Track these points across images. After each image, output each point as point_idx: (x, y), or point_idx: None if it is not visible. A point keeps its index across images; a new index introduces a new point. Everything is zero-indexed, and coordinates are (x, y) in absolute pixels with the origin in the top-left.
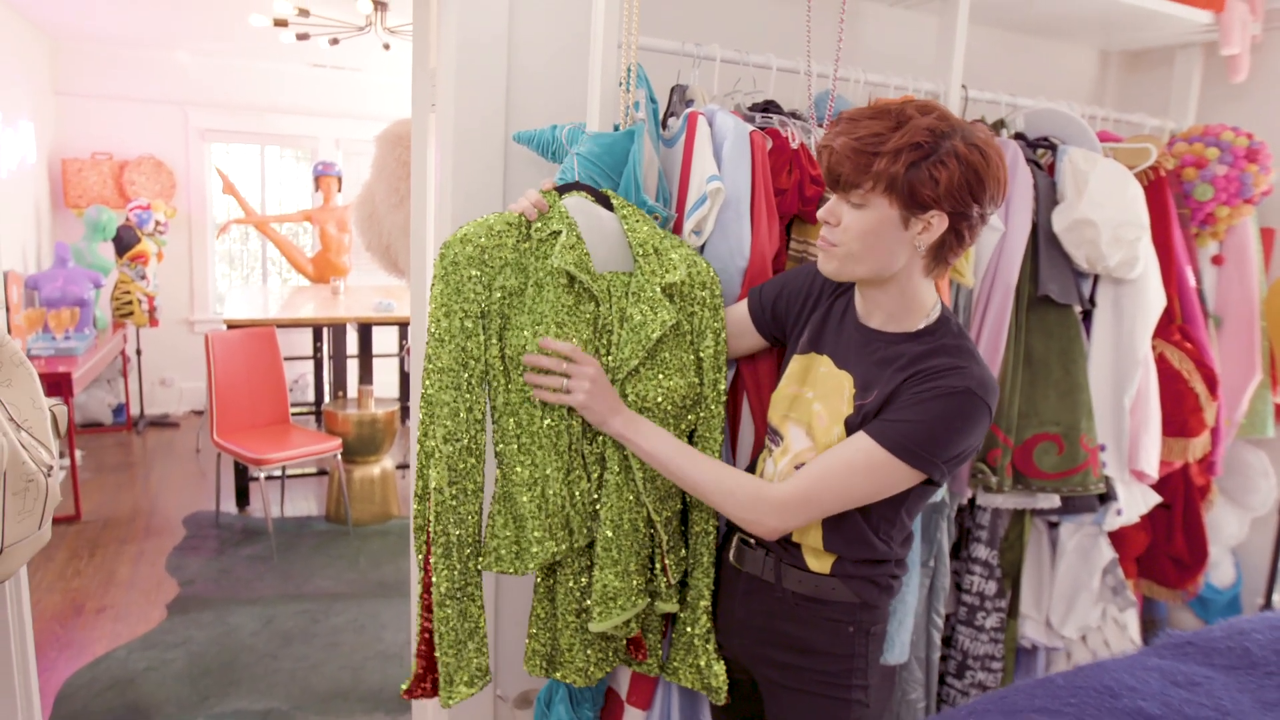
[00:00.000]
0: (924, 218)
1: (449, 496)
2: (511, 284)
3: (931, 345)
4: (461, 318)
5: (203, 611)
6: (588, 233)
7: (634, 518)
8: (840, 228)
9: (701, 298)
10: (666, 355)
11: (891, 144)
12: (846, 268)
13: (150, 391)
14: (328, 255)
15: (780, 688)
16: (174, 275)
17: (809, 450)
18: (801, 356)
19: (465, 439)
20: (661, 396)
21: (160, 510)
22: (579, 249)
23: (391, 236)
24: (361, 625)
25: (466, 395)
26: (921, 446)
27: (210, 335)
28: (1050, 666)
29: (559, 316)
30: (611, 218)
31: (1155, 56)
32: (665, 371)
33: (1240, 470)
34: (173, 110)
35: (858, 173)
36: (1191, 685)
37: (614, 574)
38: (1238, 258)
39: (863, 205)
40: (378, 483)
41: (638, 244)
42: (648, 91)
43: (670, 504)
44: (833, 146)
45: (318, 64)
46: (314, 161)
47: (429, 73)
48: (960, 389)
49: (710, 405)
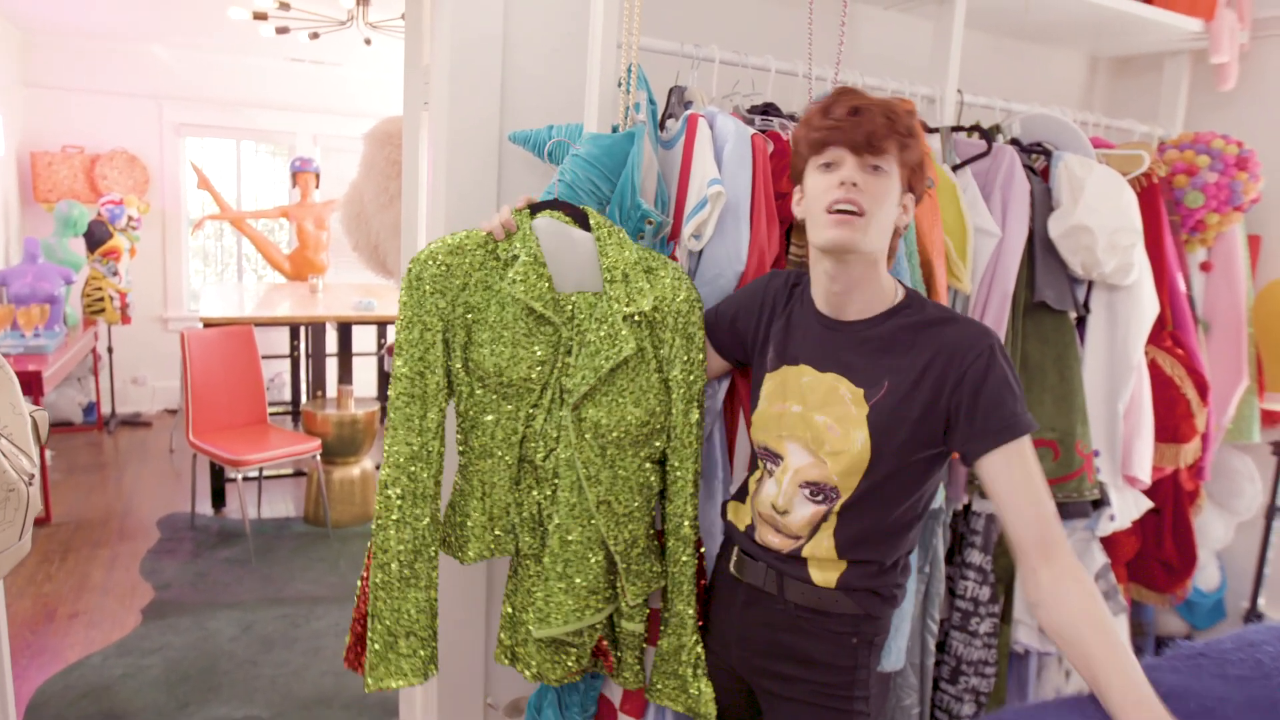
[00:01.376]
0: (903, 200)
1: (394, 497)
2: (476, 300)
3: (917, 317)
4: (421, 330)
5: (180, 616)
6: (558, 253)
7: (586, 535)
8: (865, 192)
9: (675, 324)
10: (625, 383)
11: (913, 121)
12: (869, 237)
13: (122, 390)
14: (305, 253)
15: (780, 699)
16: (147, 272)
17: (813, 466)
18: (774, 373)
19: (417, 444)
20: (615, 424)
21: (134, 512)
22: (531, 278)
23: (380, 237)
24: (344, 629)
25: (420, 404)
26: (1022, 408)
27: (186, 333)
28: (1042, 671)
29: (517, 336)
30: (586, 238)
31: (1143, 63)
32: (623, 399)
33: (1227, 475)
34: (147, 104)
35: (892, 134)
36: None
37: (559, 586)
38: (1226, 264)
39: (885, 171)
40: (358, 484)
41: (607, 267)
42: (648, 93)
43: (629, 527)
44: (879, 107)
45: (296, 59)
46: (291, 157)
47: (422, 70)
48: (992, 345)
49: (681, 435)
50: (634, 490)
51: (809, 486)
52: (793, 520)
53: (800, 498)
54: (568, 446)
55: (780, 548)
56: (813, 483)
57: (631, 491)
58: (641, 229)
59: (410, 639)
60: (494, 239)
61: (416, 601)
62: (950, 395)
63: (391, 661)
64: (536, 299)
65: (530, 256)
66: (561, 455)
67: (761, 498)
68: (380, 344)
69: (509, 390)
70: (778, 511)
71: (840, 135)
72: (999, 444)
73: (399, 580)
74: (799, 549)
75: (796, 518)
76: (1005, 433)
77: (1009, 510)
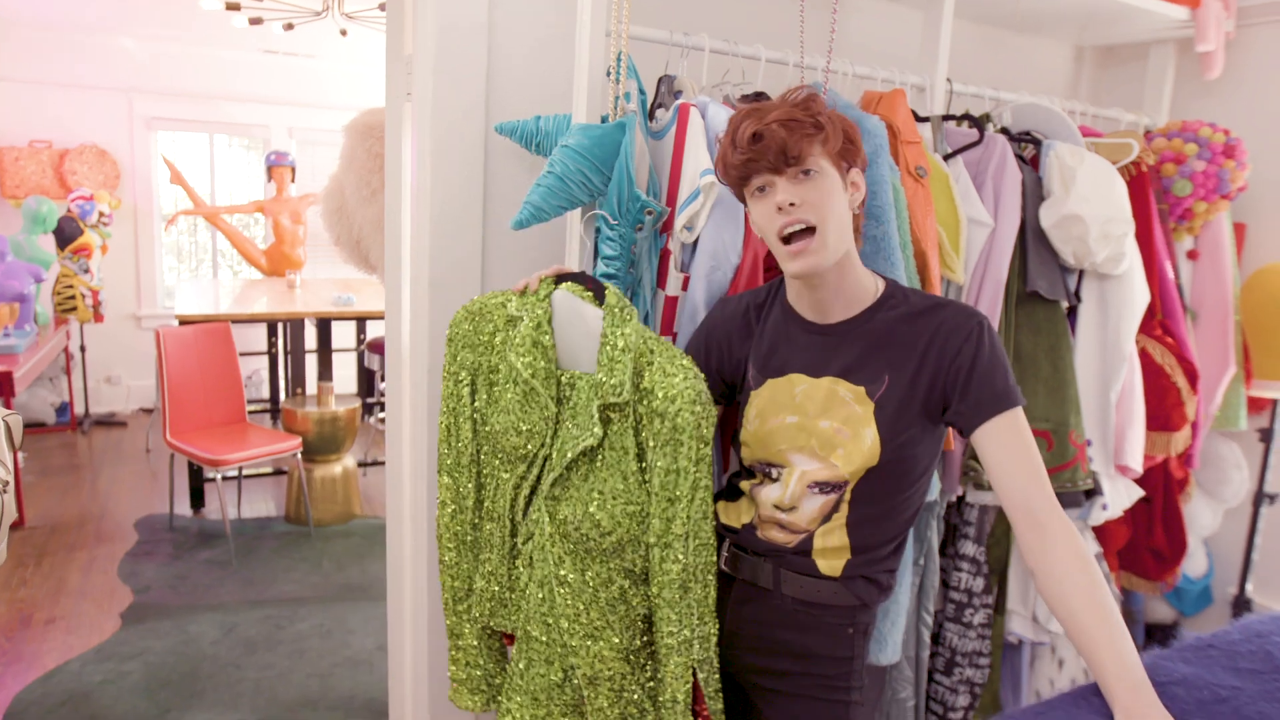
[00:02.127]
0: (849, 178)
1: (441, 538)
2: (495, 360)
3: (904, 308)
4: (454, 382)
5: (160, 620)
6: (567, 327)
7: (549, 638)
8: (805, 205)
9: (662, 430)
10: (593, 479)
11: (816, 106)
12: (828, 252)
13: (96, 390)
14: (282, 248)
15: (776, 695)
16: (119, 268)
17: (822, 469)
18: (759, 390)
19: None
20: (579, 523)
21: (110, 514)
22: (527, 344)
23: (362, 231)
24: (328, 631)
25: (455, 454)
26: (1012, 383)
27: (161, 331)
28: (1035, 661)
29: (512, 403)
30: (597, 315)
31: (1128, 52)
32: (588, 497)
33: (1214, 462)
34: (116, 97)
35: (808, 139)
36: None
37: (518, 684)
38: (1212, 252)
39: (817, 172)
40: (339, 482)
41: (605, 352)
42: (638, 82)
43: (597, 647)
44: (775, 121)
45: (270, 50)
46: (266, 151)
47: (404, 60)
48: (982, 325)
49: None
50: (604, 606)
51: (818, 485)
52: (801, 515)
53: (809, 495)
54: (541, 535)
55: (786, 543)
56: (821, 482)
57: (601, 607)
58: (640, 220)
59: (471, 668)
60: (514, 298)
61: (474, 632)
62: (946, 375)
63: (459, 672)
64: (528, 367)
65: (533, 324)
66: (537, 543)
67: (763, 499)
68: (360, 339)
69: (504, 456)
70: (783, 510)
71: (756, 164)
72: (993, 414)
73: (454, 613)
74: (808, 539)
75: (805, 513)
76: (998, 403)
77: (1003, 477)
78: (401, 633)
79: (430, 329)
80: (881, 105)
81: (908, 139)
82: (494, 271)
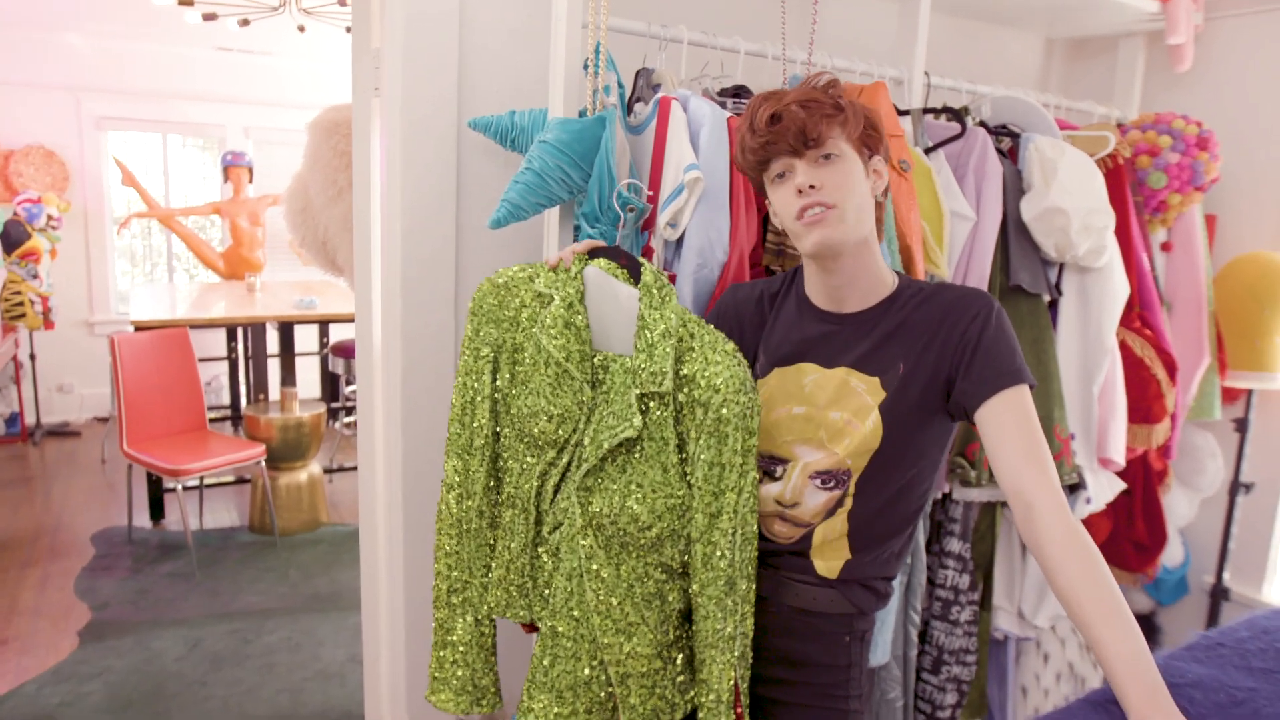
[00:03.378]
0: (871, 165)
1: (441, 522)
2: (520, 339)
3: (919, 296)
4: (474, 357)
5: (120, 637)
6: (600, 306)
7: (578, 634)
8: (825, 187)
9: (705, 420)
10: (631, 471)
11: (836, 90)
12: (847, 228)
13: (47, 399)
14: (240, 250)
15: (774, 704)
16: (70, 274)
17: (824, 458)
18: (765, 379)
19: (460, 474)
20: (615, 516)
21: (65, 528)
22: (560, 325)
23: (329, 232)
24: (297, 643)
25: (468, 434)
26: (1020, 361)
27: (116, 338)
28: (1021, 657)
29: (542, 385)
30: (631, 295)
31: (1098, 45)
32: (626, 490)
33: (1190, 452)
34: (64, 96)
35: (829, 121)
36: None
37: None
38: (1186, 244)
39: (838, 155)
40: (305, 489)
41: (643, 336)
42: (617, 75)
43: (631, 644)
44: (794, 102)
45: (225, 47)
46: (222, 151)
47: (372, 54)
48: (991, 305)
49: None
50: (639, 602)
51: (819, 476)
52: (804, 510)
53: (811, 488)
54: (571, 526)
55: (788, 537)
56: (823, 472)
57: (636, 603)
58: (622, 217)
59: (456, 666)
60: (543, 273)
61: (466, 627)
62: (953, 354)
63: (441, 672)
64: (561, 349)
65: (565, 303)
66: (565, 534)
67: (763, 496)
68: (323, 343)
69: (530, 441)
70: (785, 505)
71: (775, 146)
72: (997, 390)
73: (446, 605)
74: (808, 535)
75: (808, 507)
76: (1005, 379)
77: (999, 459)
78: (377, 643)
79: (402, 331)
80: (863, 98)
81: (890, 132)
82: (468, 272)
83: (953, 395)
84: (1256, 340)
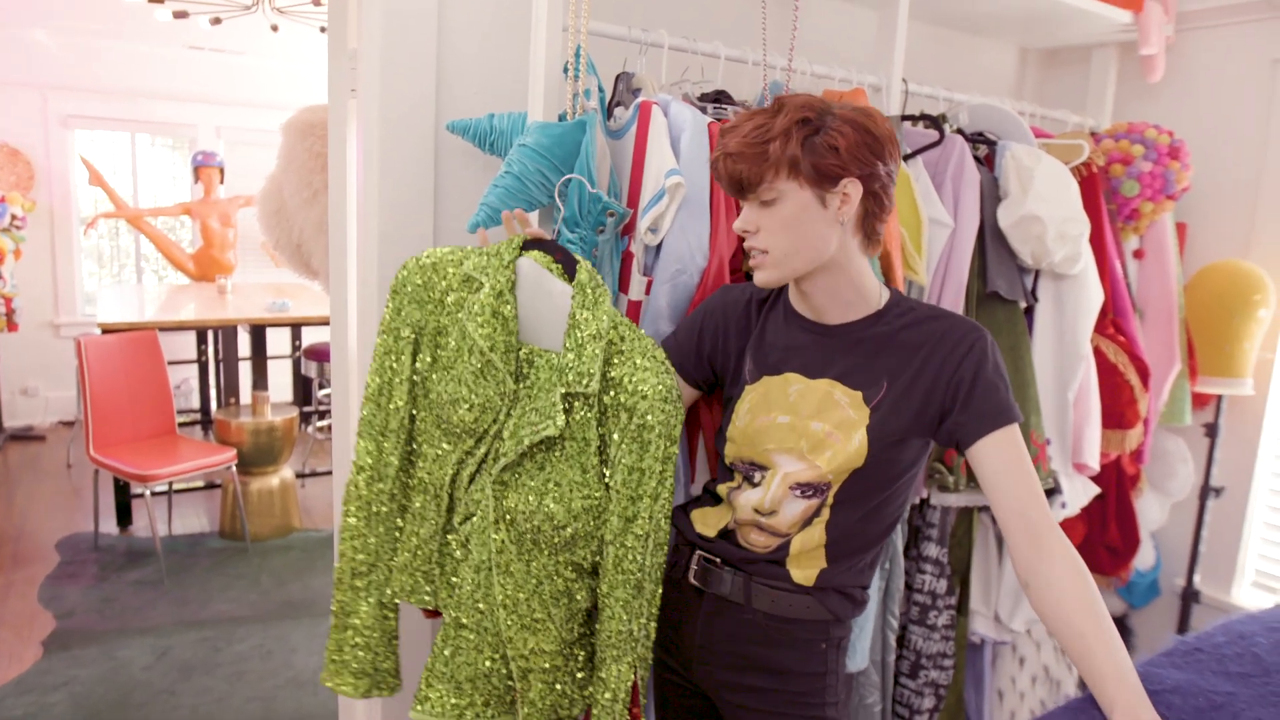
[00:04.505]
0: (838, 190)
1: (350, 504)
2: (445, 322)
3: (909, 317)
4: (394, 338)
5: (86, 647)
6: (531, 300)
7: (481, 626)
8: (762, 232)
9: (628, 425)
10: (550, 470)
11: (779, 127)
12: (784, 270)
13: (11, 402)
14: (211, 251)
15: (750, 712)
16: (35, 274)
17: (805, 470)
18: (754, 385)
19: (374, 456)
20: (530, 514)
21: (29, 534)
22: (487, 313)
23: (303, 235)
24: (269, 651)
25: (383, 416)
26: (1011, 399)
27: (82, 340)
28: (997, 660)
29: (464, 374)
30: (564, 292)
31: (1071, 55)
32: (543, 488)
33: (1160, 457)
34: (29, 94)
35: (758, 165)
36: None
37: (441, 671)
38: (1158, 252)
39: (775, 199)
40: (277, 494)
41: (573, 335)
42: (598, 79)
43: (535, 640)
44: (725, 153)
45: (196, 46)
46: (192, 151)
47: (348, 55)
48: (985, 339)
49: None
50: (546, 599)
51: (800, 487)
52: (781, 519)
53: (790, 498)
54: (483, 519)
55: (765, 546)
56: (803, 484)
57: (544, 600)
58: (602, 223)
59: (357, 649)
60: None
61: (370, 609)
62: (946, 386)
63: (340, 658)
64: (486, 338)
65: (495, 291)
66: (476, 525)
67: (741, 504)
68: (295, 346)
69: (448, 428)
70: (762, 514)
71: (723, 184)
72: (993, 429)
73: (350, 588)
74: (785, 544)
75: (786, 516)
76: (1000, 417)
77: (999, 490)
78: None
79: None
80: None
81: None
82: None
83: (945, 425)
84: (1226, 347)
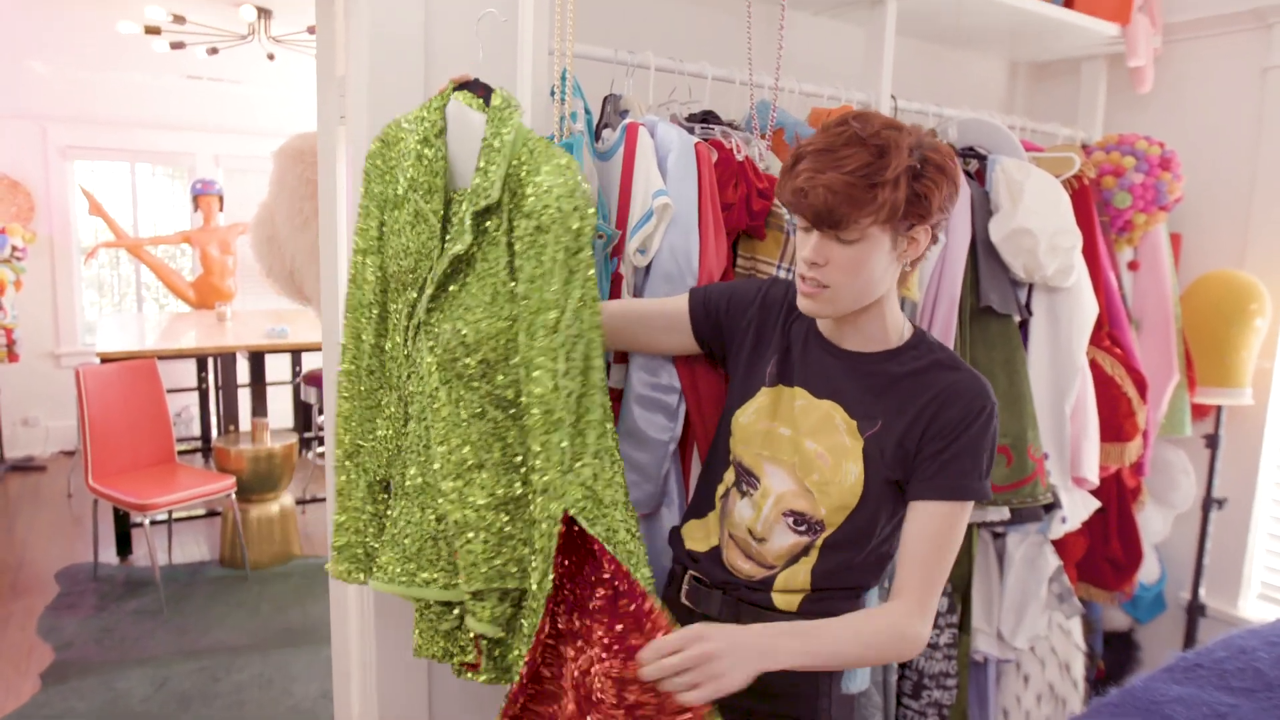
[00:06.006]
0: (910, 234)
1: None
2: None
3: (924, 360)
4: (365, 215)
5: (84, 678)
6: (459, 141)
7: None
8: (830, 266)
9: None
10: (463, 292)
11: (890, 172)
12: (836, 307)
13: (11, 432)
14: (210, 279)
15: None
16: (36, 305)
17: (798, 495)
18: (771, 389)
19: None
20: (449, 339)
21: (29, 565)
22: (411, 159)
23: (296, 261)
24: (269, 680)
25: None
26: (979, 478)
27: (81, 370)
28: (1001, 679)
29: (401, 223)
30: (481, 121)
31: (1060, 68)
32: (457, 310)
33: (1162, 469)
34: (28, 125)
35: (858, 207)
36: (1219, 718)
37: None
38: (1152, 263)
39: (859, 239)
40: (277, 521)
41: (482, 154)
42: (584, 102)
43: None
44: (823, 185)
45: (194, 76)
46: (191, 180)
47: (336, 82)
48: (986, 408)
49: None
50: (476, 442)
51: (793, 516)
52: (769, 549)
53: (782, 526)
54: (422, 363)
55: (750, 574)
56: (798, 513)
57: (474, 443)
58: None
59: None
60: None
61: (364, 491)
62: (927, 430)
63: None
64: (408, 182)
65: (419, 137)
66: (418, 374)
67: (735, 519)
68: (295, 372)
69: (398, 286)
70: (754, 538)
71: (800, 210)
72: (945, 497)
73: (343, 469)
74: (771, 578)
75: (775, 546)
76: (958, 491)
77: (911, 553)
78: (347, 677)
79: None
80: None
81: None
82: None
83: (909, 466)
84: (1224, 357)
